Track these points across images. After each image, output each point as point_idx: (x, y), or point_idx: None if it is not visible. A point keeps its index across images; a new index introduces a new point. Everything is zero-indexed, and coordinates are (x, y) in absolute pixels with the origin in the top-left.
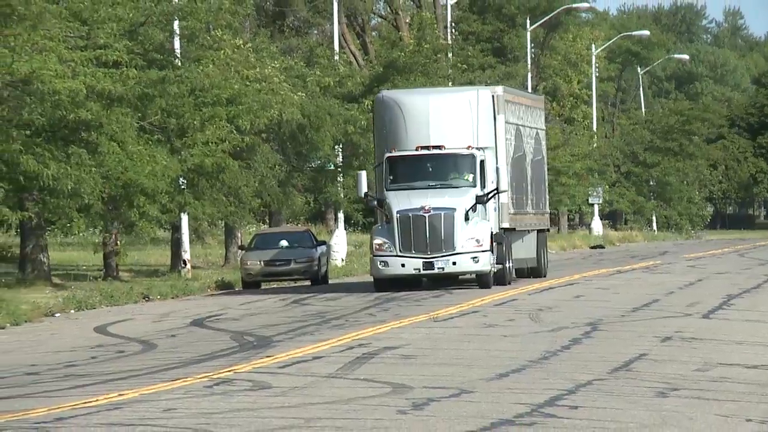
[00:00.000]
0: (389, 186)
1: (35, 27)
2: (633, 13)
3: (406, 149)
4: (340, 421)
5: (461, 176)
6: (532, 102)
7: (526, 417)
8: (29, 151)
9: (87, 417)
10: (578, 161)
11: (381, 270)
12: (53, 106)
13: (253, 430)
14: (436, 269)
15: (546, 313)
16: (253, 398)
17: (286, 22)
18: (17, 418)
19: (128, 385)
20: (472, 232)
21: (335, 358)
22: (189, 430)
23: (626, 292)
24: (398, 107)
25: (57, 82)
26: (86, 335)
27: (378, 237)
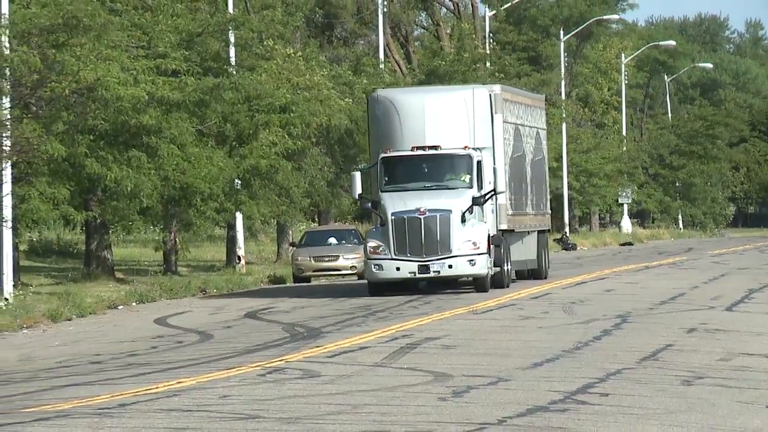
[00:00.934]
0: (384, 187)
1: (100, 37)
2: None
3: (401, 149)
4: (384, 407)
5: (458, 177)
6: (533, 101)
7: (560, 404)
8: (93, 155)
9: (148, 403)
10: (609, 163)
11: (375, 274)
12: (116, 112)
13: (303, 416)
14: (432, 273)
15: (578, 306)
16: (303, 386)
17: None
18: (82, 404)
19: (186, 373)
20: (469, 235)
21: (380, 348)
22: (243, 416)
23: (654, 287)
24: (393, 106)
25: (120, 89)
26: (147, 326)
27: (372, 240)
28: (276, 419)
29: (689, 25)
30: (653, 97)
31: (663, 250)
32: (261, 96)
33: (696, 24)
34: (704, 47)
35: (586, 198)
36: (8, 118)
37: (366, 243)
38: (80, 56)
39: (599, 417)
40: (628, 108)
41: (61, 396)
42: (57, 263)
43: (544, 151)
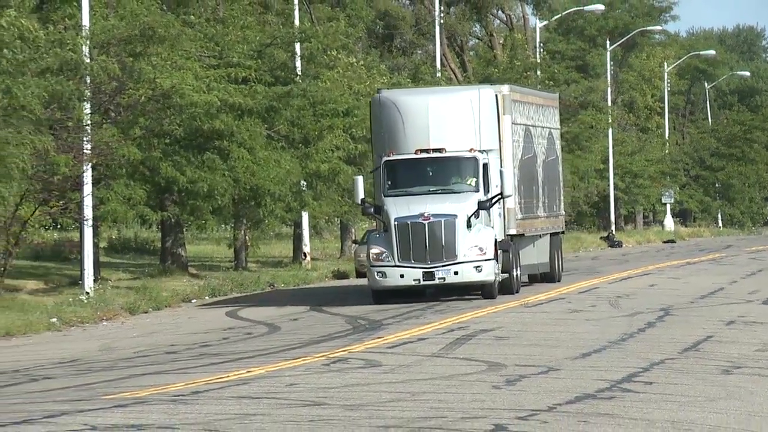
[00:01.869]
0: (387, 192)
1: (174, 47)
2: (700, 35)
3: (404, 153)
4: (442, 395)
5: (463, 181)
6: (545, 101)
7: (606, 392)
8: (168, 158)
9: (219, 391)
10: (652, 165)
11: (378, 281)
12: (190, 118)
13: (365, 403)
14: (437, 280)
15: (624, 300)
16: (365, 375)
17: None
18: (158, 391)
19: (256, 363)
20: (475, 240)
21: (437, 340)
22: (309, 403)
23: (694, 282)
24: (396, 108)
25: (194, 96)
26: (219, 319)
27: (375, 246)
28: (339, 406)
29: (728, 35)
30: (694, 103)
31: (704, 247)
32: (325, 102)
33: (734, 34)
34: (742, 56)
35: (631, 198)
36: (88, 124)
37: (368, 249)
38: (156, 65)
39: (644, 404)
40: (671, 113)
41: (138, 384)
42: (134, 260)
43: (558, 151)
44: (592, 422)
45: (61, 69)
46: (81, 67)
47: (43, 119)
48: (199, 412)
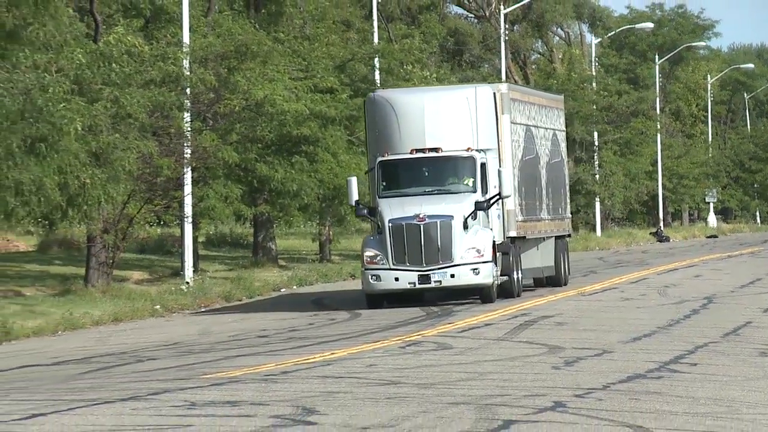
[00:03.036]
0: (382, 193)
1: (266, 62)
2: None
3: (399, 153)
4: (506, 374)
5: (460, 181)
6: (548, 102)
7: (655, 372)
8: (261, 160)
9: (306, 371)
10: (697, 168)
11: (373, 285)
12: (280, 124)
13: (437, 382)
14: (433, 283)
15: (671, 289)
16: (437, 356)
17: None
18: (251, 371)
19: (338, 346)
20: (472, 242)
21: (503, 325)
22: (386, 382)
23: (735, 273)
24: (391, 107)
25: (284, 105)
26: (305, 306)
27: (369, 249)
28: (414, 385)
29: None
30: (734, 111)
31: (743, 241)
32: None
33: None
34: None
35: (678, 197)
36: (189, 130)
37: (362, 252)
38: (250, 78)
39: (689, 383)
40: (713, 121)
41: (233, 364)
42: (229, 253)
43: (563, 153)
44: (642, 399)
45: (164, 81)
46: (182, 80)
47: (147, 126)
48: (287, 390)
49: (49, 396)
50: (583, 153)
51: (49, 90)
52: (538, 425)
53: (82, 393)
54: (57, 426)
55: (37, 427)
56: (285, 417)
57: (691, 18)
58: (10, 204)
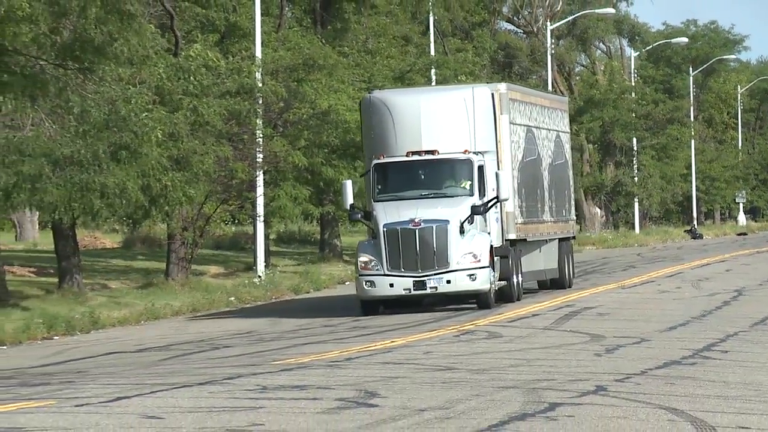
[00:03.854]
0: (377, 197)
1: (331, 74)
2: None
3: (395, 155)
4: (552, 361)
5: (457, 184)
6: (551, 103)
7: (689, 359)
8: (327, 164)
9: (368, 357)
10: (728, 171)
11: (367, 291)
12: (344, 131)
13: (489, 368)
14: (429, 289)
15: (704, 283)
16: (488, 344)
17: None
18: (318, 358)
19: (398, 334)
20: (469, 247)
21: (549, 315)
22: (442, 368)
23: (763, 267)
24: (386, 109)
25: (347, 114)
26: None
27: (363, 254)
28: (467, 370)
29: None
30: (763, 118)
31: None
32: None
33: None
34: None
35: (710, 197)
36: (261, 136)
37: (357, 257)
38: (316, 88)
39: (720, 369)
40: (743, 128)
41: (301, 352)
42: (298, 249)
43: (567, 154)
44: (677, 384)
45: (238, 91)
46: (254, 90)
47: (223, 133)
48: (351, 375)
49: (132, 380)
50: (623, 157)
51: (132, 101)
52: (581, 407)
53: (162, 377)
54: (140, 407)
55: (122, 408)
56: (349, 400)
57: (723, 33)
58: (95, 206)
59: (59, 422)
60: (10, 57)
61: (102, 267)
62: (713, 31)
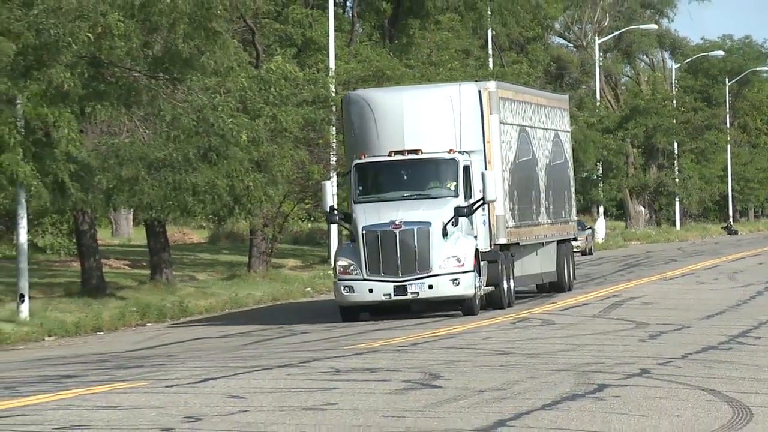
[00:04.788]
0: (357, 198)
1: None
2: None
3: (377, 155)
4: (600, 346)
5: (443, 185)
6: (549, 101)
7: (725, 344)
8: None
9: (432, 343)
10: (761, 173)
11: (345, 297)
12: None
13: (542, 352)
14: (410, 294)
15: (739, 275)
16: (542, 331)
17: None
18: (387, 344)
19: (460, 322)
20: (452, 250)
21: (597, 305)
22: (500, 352)
23: None
24: (368, 107)
25: None
26: None
27: (342, 258)
28: (522, 354)
29: None
30: None
31: None
32: None
33: None
34: None
35: (745, 197)
36: (334, 142)
37: (335, 262)
38: None
39: (754, 353)
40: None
41: (371, 338)
42: None
43: (567, 154)
44: (714, 367)
45: (314, 101)
46: (329, 100)
47: (300, 138)
48: (416, 359)
49: (218, 363)
50: (665, 160)
51: (218, 108)
52: (626, 389)
53: (245, 361)
54: (225, 388)
55: (209, 389)
56: (415, 381)
57: (756, 47)
58: (188, 203)
59: (151, 401)
60: (107, 69)
61: (190, 260)
62: (747, 45)
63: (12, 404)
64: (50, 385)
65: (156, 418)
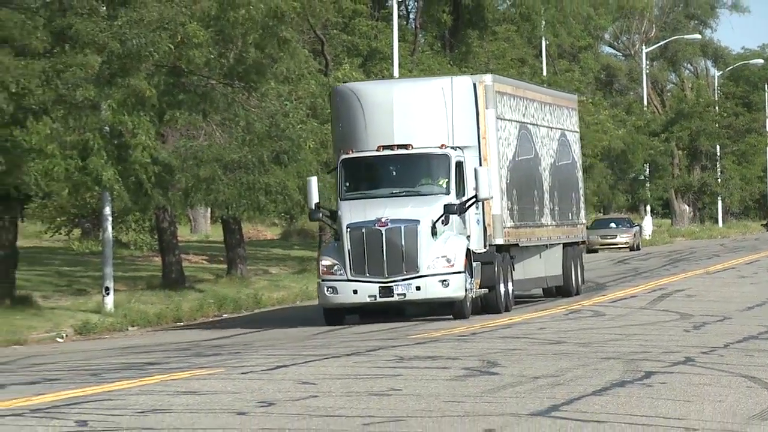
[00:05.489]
0: (344, 195)
1: None
2: None
3: (365, 150)
4: (647, 336)
5: (434, 182)
6: (554, 99)
7: (765, 334)
8: None
9: (490, 332)
10: None
11: (328, 298)
12: None
13: (593, 341)
14: (396, 296)
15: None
16: (592, 321)
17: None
18: (447, 333)
19: (516, 313)
20: (441, 250)
21: (644, 297)
22: (553, 341)
23: None
24: (357, 100)
25: None
26: None
27: (326, 257)
28: (574, 343)
29: None
30: None
31: None
32: None
33: None
34: None
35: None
36: None
37: (318, 261)
38: None
39: None
40: None
41: (432, 327)
42: None
43: (575, 155)
44: (755, 355)
45: None
46: None
47: None
48: (475, 347)
49: (290, 351)
50: (708, 162)
51: (289, 114)
52: (672, 375)
53: (315, 349)
54: (296, 375)
55: (281, 375)
56: (473, 369)
57: None
58: (261, 202)
59: (228, 387)
60: (186, 77)
61: (264, 255)
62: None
63: (98, 389)
64: (134, 371)
65: (232, 403)
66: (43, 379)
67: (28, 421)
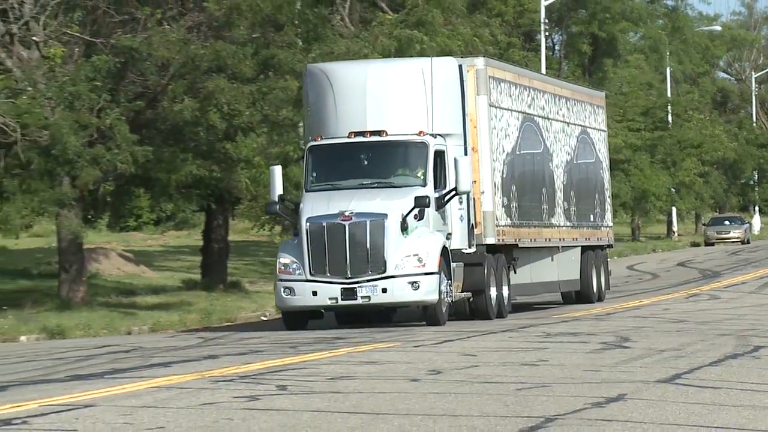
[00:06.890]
0: (310, 186)
1: None
2: None
3: (334, 136)
4: (757, 315)
5: (411, 172)
6: (573, 94)
7: None
8: None
9: (623, 313)
10: None
11: (284, 300)
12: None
13: (710, 321)
14: (360, 299)
15: None
16: (709, 304)
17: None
18: (587, 313)
19: (644, 296)
20: (412, 248)
21: (754, 283)
22: (675, 320)
23: None
24: (327, 81)
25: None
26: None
27: (284, 255)
28: (694, 322)
29: None
30: None
31: None
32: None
33: None
34: None
35: None
36: None
37: (277, 259)
38: None
39: None
40: None
41: (573, 309)
42: None
43: (600, 155)
44: None
45: None
46: None
47: None
48: (610, 325)
49: (453, 329)
50: None
51: None
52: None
53: (475, 326)
54: (460, 348)
55: (447, 348)
56: (609, 343)
57: None
58: None
59: (403, 358)
60: None
61: None
62: None
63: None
64: (325, 344)
65: (406, 372)
66: (249, 350)
67: (237, 386)
